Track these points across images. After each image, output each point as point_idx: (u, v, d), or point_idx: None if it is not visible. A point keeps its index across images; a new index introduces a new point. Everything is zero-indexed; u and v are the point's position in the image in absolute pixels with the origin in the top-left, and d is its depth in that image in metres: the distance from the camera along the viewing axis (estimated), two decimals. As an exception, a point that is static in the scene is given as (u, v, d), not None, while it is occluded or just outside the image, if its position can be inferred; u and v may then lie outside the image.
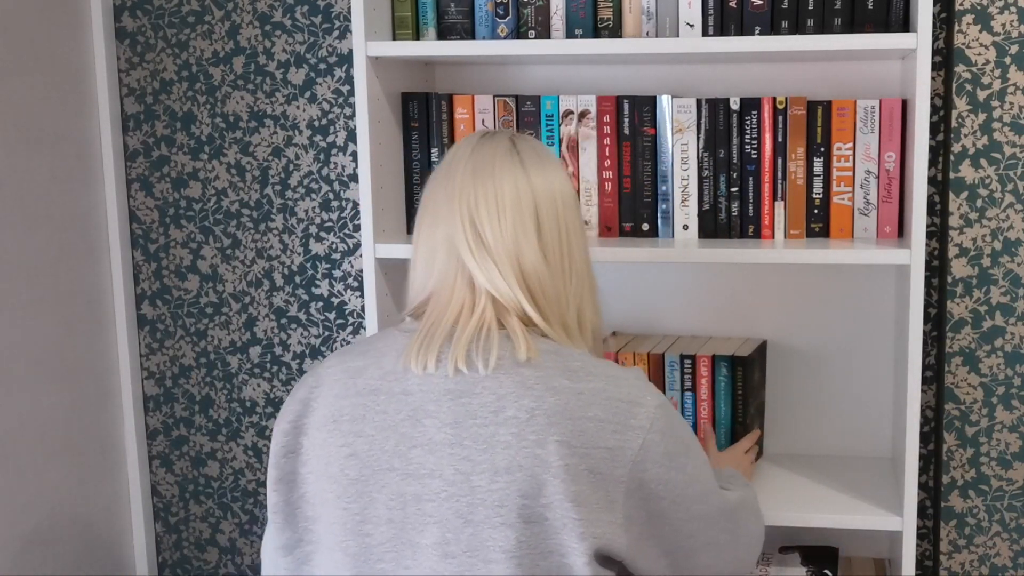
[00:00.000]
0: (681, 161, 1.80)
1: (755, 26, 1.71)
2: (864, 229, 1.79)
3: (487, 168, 1.27)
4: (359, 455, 1.21)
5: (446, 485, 1.17)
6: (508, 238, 1.24)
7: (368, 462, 1.20)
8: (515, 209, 1.25)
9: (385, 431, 1.21)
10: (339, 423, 1.23)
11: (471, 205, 1.25)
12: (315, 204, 2.14)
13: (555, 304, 1.28)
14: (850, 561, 1.99)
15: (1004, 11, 1.87)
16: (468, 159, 1.28)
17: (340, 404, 1.24)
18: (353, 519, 1.20)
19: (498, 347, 1.21)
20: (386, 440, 1.20)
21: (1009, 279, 1.93)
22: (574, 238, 1.29)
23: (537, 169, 1.28)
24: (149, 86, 2.17)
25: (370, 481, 1.20)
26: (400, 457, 1.19)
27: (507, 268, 1.24)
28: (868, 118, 1.76)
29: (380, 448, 1.20)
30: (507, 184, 1.25)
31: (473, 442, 1.18)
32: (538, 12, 1.77)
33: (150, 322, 2.24)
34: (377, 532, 1.19)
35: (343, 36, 2.09)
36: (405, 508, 1.18)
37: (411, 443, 1.19)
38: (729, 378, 1.84)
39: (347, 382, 1.25)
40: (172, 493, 2.29)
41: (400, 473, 1.19)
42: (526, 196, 1.26)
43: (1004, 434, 1.98)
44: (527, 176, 1.27)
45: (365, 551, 1.20)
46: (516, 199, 1.25)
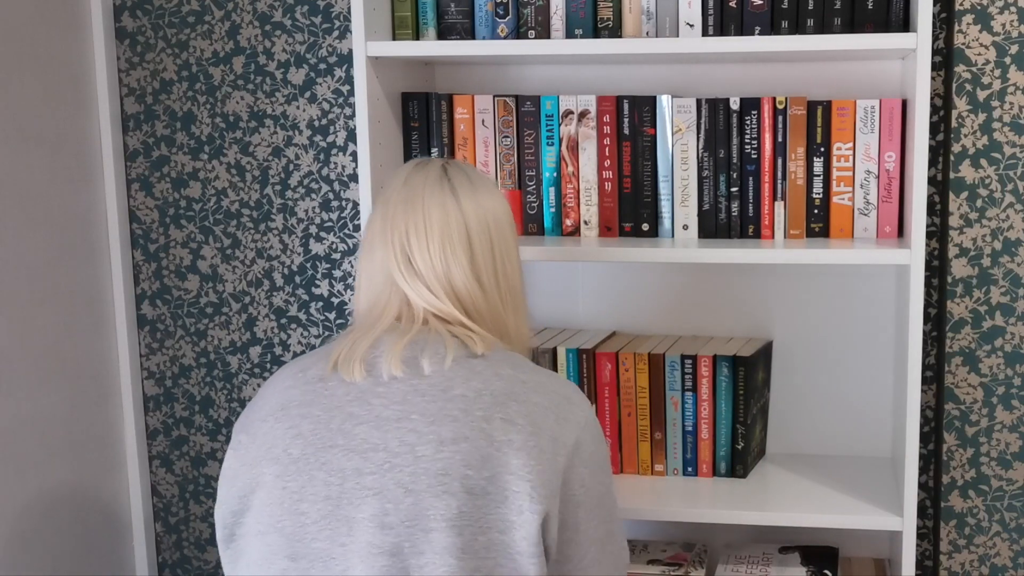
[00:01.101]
0: (681, 161, 1.80)
1: (755, 26, 1.71)
2: (864, 229, 1.79)
3: (418, 197, 1.33)
4: (304, 435, 1.24)
5: (389, 456, 1.20)
6: (438, 263, 1.31)
7: (312, 440, 1.23)
8: (444, 234, 1.32)
9: (331, 411, 1.24)
10: (287, 409, 1.27)
11: (402, 233, 1.32)
12: (315, 204, 2.14)
13: (491, 323, 1.35)
14: (850, 561, 1.99)
15: (1004, 11, 1.87)
16: (401, 188, 1.35)
17: (289, 394, 1.28)
18: (291, 498, 1.22)
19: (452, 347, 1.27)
20: (331, 419, 1.24)
21: (1009, 279, 1.93)
22: (508, 259, 1.37)
23: (468, 195, 1.35)
24: (149, 86, 2.17)
25: (311, 459, 1.22)
26: (344, 434, 1.23)
27: (439, 289, 1.31)
28: (868, 118, 1.76)
29: (325, 427, 1.24)
30: (435, 211, 1.32)
31: (420, 416, 1.22)
32: (538, 12, 1.77)
33: (150, 322, 2.24)
34: (312, 510, 1.21)
35: (343, 36, 2.09)
36: (344, 483, 1.21)
37: (357, 421, 1.23)
38: (730, 378, 1.84)
39: (296, 375, 1.31)
40: (172, 493, 2.29)
41: (342, 449, 1.22)
42: (456, 221, 1.32)
43: (1004, 434, 1.98)
44: (457, 202, 1.34)
45: (300, 530, 1.21)
46: (445, 225, 1.32)
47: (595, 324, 2.03)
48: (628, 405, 1.88)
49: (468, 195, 1.35)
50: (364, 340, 1.29)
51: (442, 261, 1.31)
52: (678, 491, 1.83)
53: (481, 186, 1.37)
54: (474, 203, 1.34)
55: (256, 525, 1.24)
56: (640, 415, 1.88)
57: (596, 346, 1.91)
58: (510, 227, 1.38)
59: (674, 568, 1.89)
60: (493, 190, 1.38)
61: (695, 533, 2.05)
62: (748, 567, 1.87)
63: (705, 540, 2.04)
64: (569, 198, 1.86)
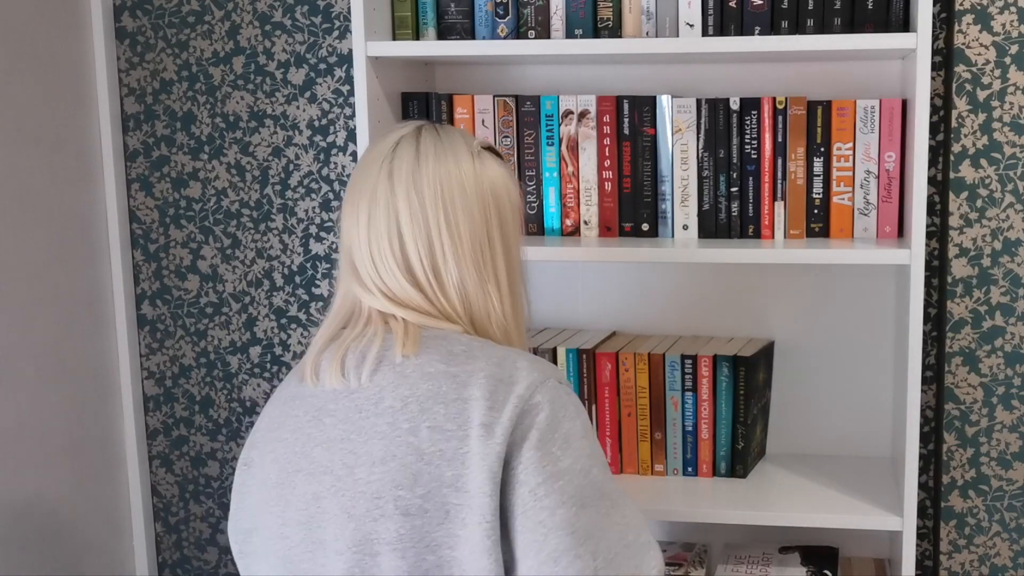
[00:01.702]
0: (681, 161, 1.80)
1: (755, 26, 1.71)
2: (864, 229, 1.79)
3: (356, 184, 1.25)
4: (278, 460, 1.22)
5: (335, 480, 1.17)
6: (367, 263, 1.22)
7: (284, 465, 1.21)
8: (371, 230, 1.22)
9: (295, 433, 1.21)
10: (269, 432, 1.25)
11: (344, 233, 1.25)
12: (315, 204, 2.14)
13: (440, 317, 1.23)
14: (850, 561, 1.99)
15: (1004, 11, 1.87)
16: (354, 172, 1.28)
17: (271, 414, 1.26)
18: (276, 522, 1.20)
19: (376, 350, 1.19)
20: (295, 442, 1.21)
21: (1009, 279, 1.93)
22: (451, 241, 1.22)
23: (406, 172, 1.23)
24: (149, 86, 2.17)
25: (285, 484, 1.20)
26: (306, 457, 1.19)
27: (376, 290, 1.22)
28: (868, 118, 1.76)
29: (291, 450, 1.21)
30: (365, 199, 1.23)
31: (357, 435, 1.16)
32: (538, 12, 1.77)
33: (150, 322, 2.24)
34: (293, 535, 1.19)
35: (343, 36, 2.09)
36: (308, 507, 1.18)
37: (314, 442, 1.19)
38: (731, 378, 1.84)
39: (278, 394, 1.28)
40: (172, 493, 2.29)
41: (305, 473, 1.19)
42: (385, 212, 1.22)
43: (1004, 434, 1.98)
44: (390, 184, 1.22)
45: (288, 553, 1.20)
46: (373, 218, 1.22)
47: (595, 324, 2.03)
48: (628, 405, 1.88)
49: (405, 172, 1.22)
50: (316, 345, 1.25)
51: (371, 261, 1.22)
52: (678, 491, 1.83)
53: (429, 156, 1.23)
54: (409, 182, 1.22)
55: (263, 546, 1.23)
56: (640, 415, 1.88)
57: (596, 346, 1.91)
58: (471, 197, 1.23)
59: (674, 568, 1.89)
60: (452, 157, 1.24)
61: (695, 533, 2.05)
62: (748, 567, 1.87)
63: (705, 540, 2.04)
64: (569, 198, 1.86)
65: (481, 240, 1.23)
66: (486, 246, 1.24)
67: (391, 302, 1.22)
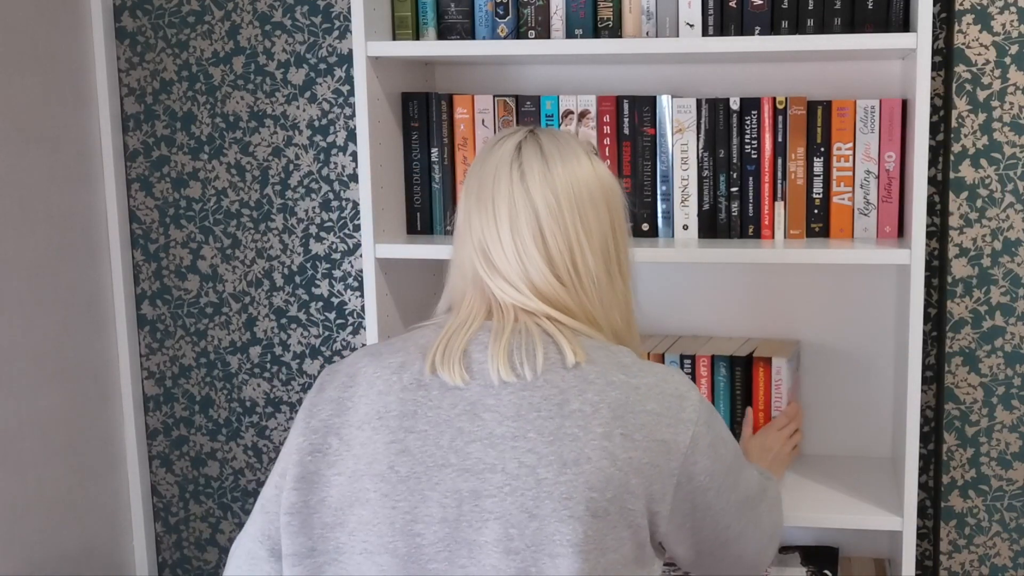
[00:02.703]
0: (681, 161, 1.80)
1: (755, 26, 1.71)
2: (864, 229, 1.79)
3: (487, 189, 1.26)
4: (411, 451, 1.18)
5: (509, 479, 1.15)
6: (512, 260, 1.24)
7: (421, 459, 1.17)
8: (513, 229, 1.24)
9: (439, 426, 1.18)
10: (385, 419, 1.20)
11: (478, 231, 1.26)
12: (315, 204, 2.14)
13: (582, 317, 1.27)
14: (850, 561, 1.99)
15: (1004, 11, 1.87)
16: (478, 173, 1.28)
17: (385, 400, 1.21)
18: (403, 518, 1.16)
19: (542, 348, 1.20)
20: (441, 435, 1.18)
21: (1009, 279, 1.93)
22: (589, 240, 1.26)
23: (537, 175, 1.25)
24: (149, 86, 2.17)
25: (422, 478, 1.17)
26: (456, 453, 1.17)
27: (520, 284, 1.24)
28: (868, 118, 1.76)
29: (435, 444, 1.17)
30: (503, 201, 1.25)
31: (538, 435, 1.16)
32: (538, 12, 1.77)
33: (150, 322, 2.24)
34: (428, 532, 1.16)
35: (343, 36, 2.09)
36: (461, 506, 1.15)
37: (469, 438, 1.17)
38: (728, 378, 1.84)
39: (390, 378, 1.22)
40: (172, 493, 2.29)
41: (456, 469, 1.16)
42: (525, 211, 1.24)
43: (1004, 434, 1.98)
44: (525, 187, 1.25)
45: (416, 551, 1.16)
46: (514, 218, 1.24)
47: (595, 324, 2.03)
48: (628, 405, 1.88)
49: (536, 175, 1.25)
50: (459, 337, 1.22)
51: (516, 258, 1.24)
52: (678, 491, 1.83)
53: (555, 157, 1.26)
54: (543, 183, 1.24)
55: (361, 544, 1.18)
56: (640, 415, 1.88)
57: (596, 346, 1.90)
58: (591, 198, 1.26)
59: (674, 568, 1.89)
60: (572, 158, 1.27)
61: (695, 533, 2.05)
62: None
63: (705, 540, 2.04)
64: (569, 198, 1.85)
65: (607, 237, 1.28)
66: (611, 243, 1.29)
67: (539, 298, 1.24)
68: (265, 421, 2.23)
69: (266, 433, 2.23)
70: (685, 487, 1.21)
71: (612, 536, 1.16)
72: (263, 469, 2.25)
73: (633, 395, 1.19)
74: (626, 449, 1.17)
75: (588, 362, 1.20)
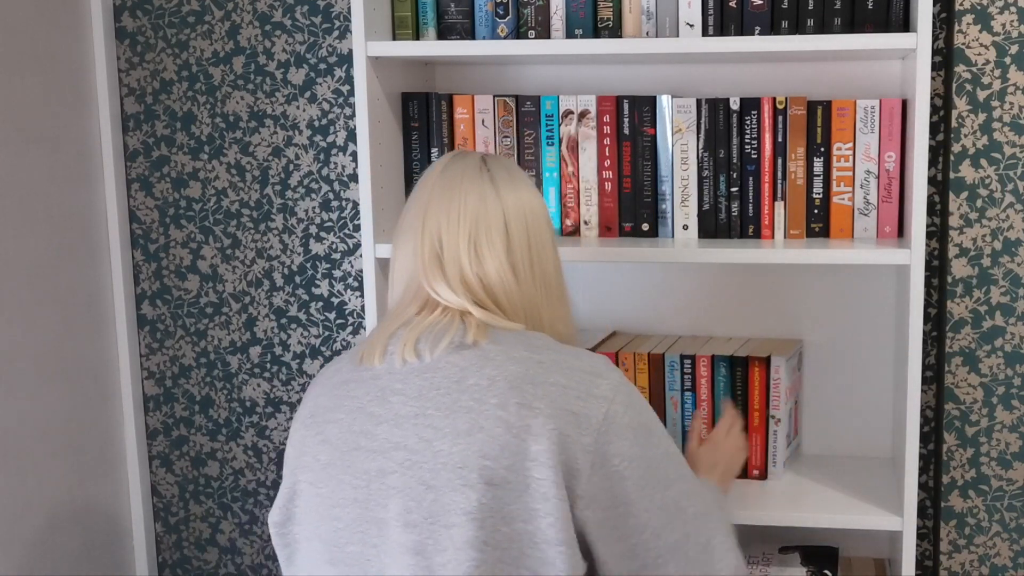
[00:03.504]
0: (681, 161, 1.80)
1: (755, 26, 1.71)
2: (864, 229, 1.79)
3: (456, 185, 1.32)
4: (330, 440, 1.25)
5: (409, 454, 1.19)
6: (466, 252, 1.29)
7: (337, 445, 1.24)
8: (480, 222, 1.30)
9: (354, 413, 1.24)
10: (315, 416, 1.28)
11: (435, 222, 1.31)
12: (315, 204, 2.14)
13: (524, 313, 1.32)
14: (850, 561, 1.99)
15: (1004, 11, 1.87)
16: (439, 177, 1.34)
17: (318, 401, 1.30)
18: (325, 503, 1.23)
19: (450, 334, 1.25)
20: (354, 422, 1.24)
21: (1009, 279, 1.93)
22: (543, 253, 1.34)
23: (508, 186, 1.33)
24: (149, 86, 2.17)
25: (338, 464, 1.23)
26: (367, 436, 1.22)
27: (458, 284, 1.29)
28: (868, 118, 1.76)
29: (348, 430, 1.24)
30: (472, 198, 1.31)
31: (436, 410, 1.20)
32: (538, 12, 1.77)
33: (150, 322, 2.24)
34: (344, 514, 1.22)
35: (343, 36, 2.09)
36: (369, 485, 1.21)
37: (378, 421, 1.22)
38: (728, 379, 1.84)
39: (326, 382, 1.32)
40: (172, 493, 2.29)
41: (366, 451, 1.22)
42: (495, 211, 1.31)
43: (1004, 434, 1.98)
44: (497, 192, 1.32)
45: (335, 535, 1.22)
46: (483, 213, 1.31)
47: (595, 324, 2.03)
48: (628, 405, 1.88)
49: (507, 187, 1.33)
50: (385, 330, 1.29)
51: (472, 251, 1.29)
52: (678, 491, 1.83)
53: (520, 180, 1.36)
54: (513, 195, 1.33)
55: (302, 531, 1.25)
56: (640, 415, 1.88)
57: (596, 346, 1.90)
58: (547, 223, 1.36)
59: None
60: (531, 185, 1.37)
61: (695, 533, 2.05)
62: (748, 567, 1.87)
63: (705, 540, 2.04)
64: (569, 198, 1.86)
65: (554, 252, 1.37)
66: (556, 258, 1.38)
67: (469, 298, 1.29)
68: (265, 421, 2.23)
69: (266, 433, 2.23)
70: (600, 470, 1.20)
71: (518, 506, 1.16)
72: (263, 469, 2.25)
73: (535, 368, 1.22)
74: (522, 417, 1.18)
75: (491, 342, 1.25)
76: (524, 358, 1.23)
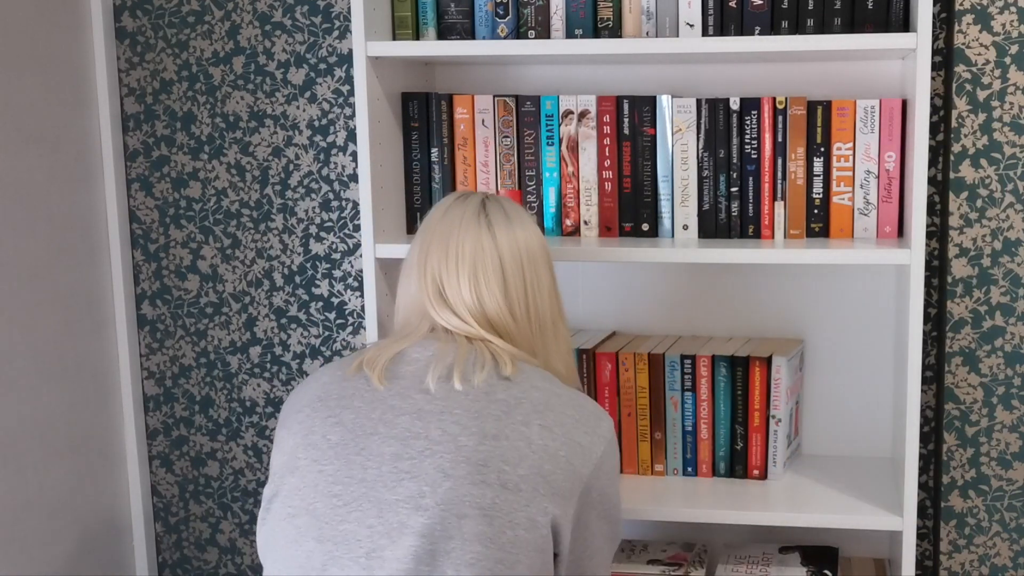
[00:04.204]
0: (681, 161, 1.80)
1: (755, 26, 1.71)
2: (864, 229, 1.79)
3: (453, 231, 1.41)
4: (344, 423, 1.29)
5: (430, 444, 1.26)
6: (467, 295, 1.38)
7: (352, 428, 1.28)
8: (477, 267, 1.38)
9: (373, 403, 1.30)
10: (325, 401, 1.33)
11: (435, 268, 1.40)
12: (315, 204, 2.14)
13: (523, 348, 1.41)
14: (850, 561, 1.99)
15: (1004, 11, 1.87)
16: (440, 221, 1.43)
17: (328, 388, 1.34)
18: (326, 480, 1.26)
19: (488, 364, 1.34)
20: (372, 411, 1.29)
21: (1009, 279, 1.93)
22: (539, 291, 1.43)
23: (503, 228, 1.41)
24: (149, 86, 2.17)
25: (350, 445, 1.27)
26: (386, 424, 1.28)
27: (467, 316, 1.37)
28: (868, 118, 1.76)
29: (367, 416, 1.29)
30: (469, 245, 1.39)
31: (463, 411, 1.28)
32: (538, 12, 1.77)
33: (150, 322, 2.24)
34: (346, 492, 1.25)
35: (343, 36, 2.09)
36: (381, 467, 1.26)
37: (399, 412, 1.29)
38: (728, 379, 1.84)
39: (336, 373, 1.37)
40: (172, 493, 2.29)
41: (383, 436, 1.27)
42: (490, 254, 1.39)
43: (1004, 434, 1.98)
44: (492, 236, 1.40)
45: (331, 511, 1.25)
46: (480, 257, 1.39)
47: (595, 324, 2.03)
48: (628, 405, 1.88)
49: (503, 228, 1.41)
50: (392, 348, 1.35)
51: (472, 292, 1.37)
52: (678, 491, 1.83)
53: (517, 219, 1.43)
54: (509, 236, 1.41)
55: (286, 509, 1.28)
56: (640, 415, 1.88)
57: (596, 346, 1.91)
58: (544, 260, 1.44)
59: (674, 568, 1.89)
60: (529, 223, 1.45)
61: (695, 533, 2.05)
62: (748, 567, 1.87)
63: (705, 540, 2.04)
64: (569, 198, 1.86)
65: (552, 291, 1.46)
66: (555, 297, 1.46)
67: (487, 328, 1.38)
68: (265, 421, 2.23)
69: (266, 433, 2.23)
70: (584, 498, 1.32)
71: (523, 514, 1.25)
72: (263, 469, 2.25)
73: (554, 399, 1.33)
74: (543, 437, 1.29)
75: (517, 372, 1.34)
76: (545, 389, 1.34)
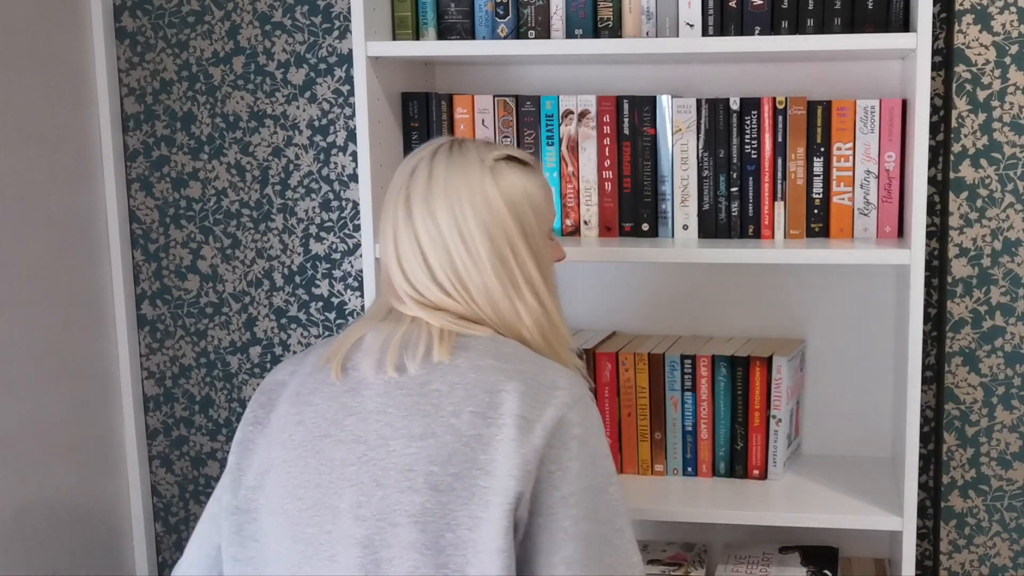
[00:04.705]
0: (681, 161, 1.80)
1: (755, 26, 1.71)
2: (864, 229, 1.79)
3: (387, 216, 1.34)
4: (305, 422, 1.27)
5: (367, 449, 1.23)
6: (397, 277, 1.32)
7: (311, 428, 1.27)
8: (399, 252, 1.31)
9: (329, 400, 1.27)
10: (299, 396, 1.30)
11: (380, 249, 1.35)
12: (315, 204, 2.14)
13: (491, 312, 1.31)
14: (850, 561, 1.99)
15: (1004, 11, 1.87)
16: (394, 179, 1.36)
17: (304, 382, 1.31)
18: (292, 482, 1.25)
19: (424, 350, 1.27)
20: (328, 409, 1.27)
21: (1009, 279, 1.93)
22: (470, 259, 1.29)
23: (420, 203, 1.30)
24: (149, 86, 2.17)
25: (308, 447, 1.26)
26: (336, 425, 1.25)
27: (407, 298, 1.31)
28: (868, 118, 1.76)
29: (322, 416, 1.27)
30: (389, 230, 1.33)
31: (397, 410, 1.23)
32: (538, 12, 1.77)
33: (150, 322, 2.24)
34: (307, 496, 1.24)
35: (343, 36, 2.09)
36: (331, 473, 1.24)
37: (348, 412, 1.26)
38: (728, 379, 1.84)
39: (315, 363, 1.33)
40: (172, 493, 2.29)
41: (333, 439, 1.25)
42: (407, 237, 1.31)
43: (1004, 434, 1.98)
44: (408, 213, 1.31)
45: (297, 514, 1.25)
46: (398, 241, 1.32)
47: (595, 324, 2.03)
48: (628, 405, 1.88)
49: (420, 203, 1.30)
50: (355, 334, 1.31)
51: (401, 276, 1.31)
52: (678, 491, 1.83)
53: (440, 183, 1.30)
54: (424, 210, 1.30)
55: (270, 505, 1.28)
56: (640, 415, 1.88)
57: (596, 346, 1.91)
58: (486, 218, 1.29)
59: (674, 568, 1.89)
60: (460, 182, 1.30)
61: (695, 533, 2.05)
62: (748, 567, 1.87)
63: (705, 540, 2.04)
64: (569, 198, 1.86)
65: (502, 253, 1.30)
66: (509, 257, 1.31)
67: (425, 309, 1.30)
68: (265, 421, 2.23)
69: (266, 433, 2.23)
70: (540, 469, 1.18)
71: (463, 513, 1.17)
72: (263, 469, 2.25)
73: (495, 376, 1.22)
74: (475, 427, 1.19)
75: (460, 349, 1.25)
76: (487, 366, 1.23)
